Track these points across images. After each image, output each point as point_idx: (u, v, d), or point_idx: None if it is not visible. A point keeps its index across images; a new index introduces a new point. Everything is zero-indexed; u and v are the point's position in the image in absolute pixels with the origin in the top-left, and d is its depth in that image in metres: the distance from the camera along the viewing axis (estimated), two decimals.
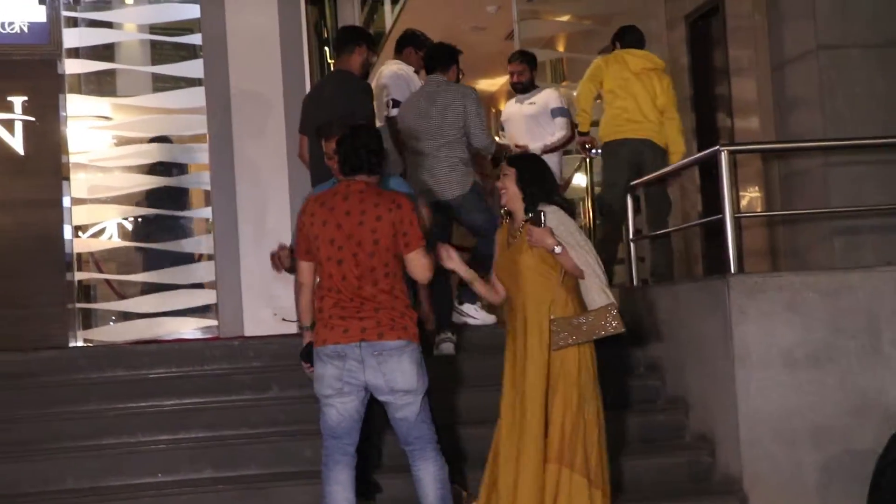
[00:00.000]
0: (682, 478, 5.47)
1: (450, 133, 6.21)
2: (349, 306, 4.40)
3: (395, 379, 4.39)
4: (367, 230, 4.41)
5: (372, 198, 4.47)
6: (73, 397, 5.85)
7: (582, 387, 4.54)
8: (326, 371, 4.40)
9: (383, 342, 4.37)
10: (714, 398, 5.51)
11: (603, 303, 4.50)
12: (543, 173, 4.72)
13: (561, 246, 4.51)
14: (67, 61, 7.96)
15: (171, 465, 5.39)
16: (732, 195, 5.54)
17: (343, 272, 4.41)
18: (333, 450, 4.48)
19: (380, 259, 4.42)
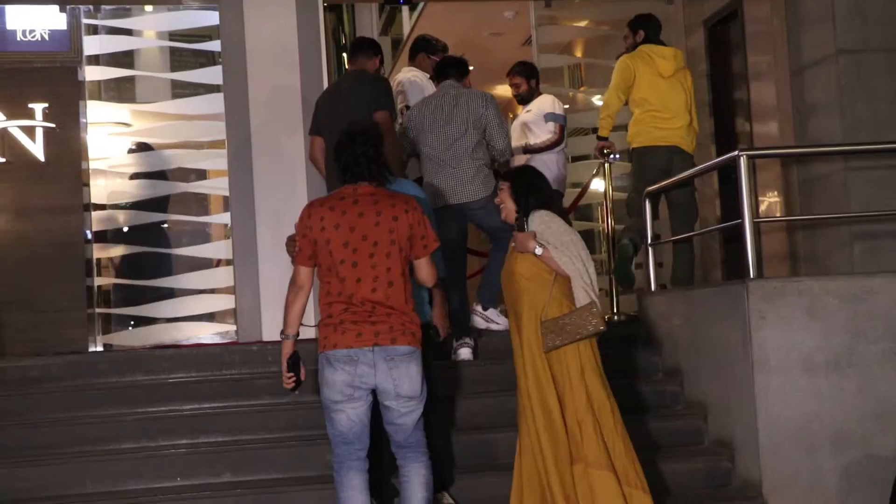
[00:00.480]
0: (700, 483, 5.45)
1: (474, 137, 6.24)
2: (361, 310, 4.38)
3: (403, 385, 4.39)
4: (384, 230, 4.40)
5: (386, 199, 4.48)
6: (92, 402, 5.88)
7: (589, 386, 4.55)
8: (337, 377, 4.37)
9: (396, 347, 4.37)
10: (733, 403, 5.49)
11: (583, 302, 4.52)
12: (537, 183, 4.78)
13: (542, 248, 4.56)
14: (87, 68, 8.03)
15: (190, 469, 5.41)
16: (751, 200, 5.52)
17: (358, 274, 4.38)
18: (346, 456, 4.46)
19: (396, 260, 4.41)
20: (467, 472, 5.30)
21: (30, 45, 7.75)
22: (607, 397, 4.61)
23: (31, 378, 6.09)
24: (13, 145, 7.38)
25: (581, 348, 4.57)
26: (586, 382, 4.55)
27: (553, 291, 4.59)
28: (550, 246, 4.57)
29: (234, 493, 5.21)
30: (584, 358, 4.57)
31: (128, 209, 8.36)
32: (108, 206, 8.14)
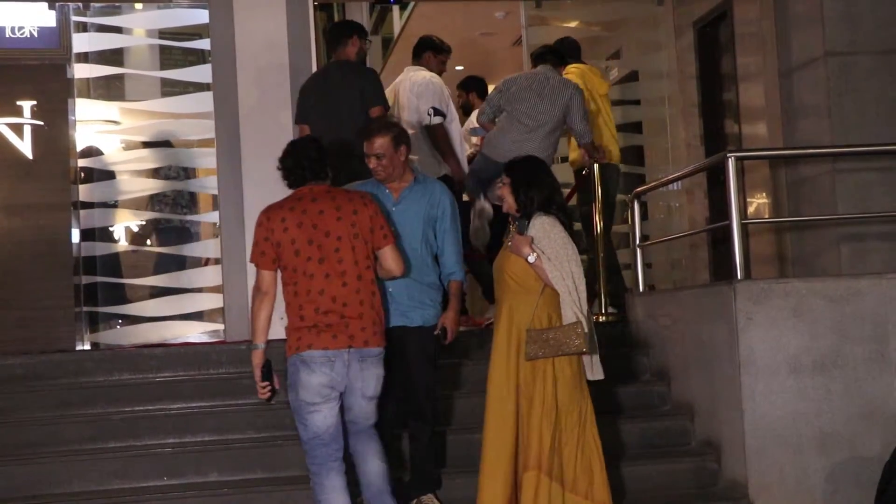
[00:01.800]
0: (687, 484, 5.47)
1: (556, 118, 6.83)
2: (333, 310, 4.43)
3: (370, 386, 4.52)
4: (346, 224, 4.51)
5: (343, 195, 4.61)
6: (79, 400, 5.88)
7: (560, 399, 4.55)
8: (314, 378, 4.40)
9: (370, 349, 4.48)
10: (720, 404, 5.51)
11: (570, 320, 4.51)
12: (538, 180, 4.73)
13: (536, 255, 4.54)
14: (76, 66, 8.00)
15: (176, 468, 5.41)
16: (739, 201, 5.55)
17: (326, 270, 4.45)
18: (325, 458, 4.48)
19: (361, 253, 4.52)
20: (456, 473, 5.31)
21: (18, 42, 7.72)
22: (577, 408, 4.58)
23: (17, 376, 6.07)
24: (1, 143, 7.36)
25: (559, 362, 4.56)
26: (557, 391, 4.55)
27: (540, 301, 4.59)
28: (544, 256, 4.55)
29: (221, 493, 5.21)
30: (561, 372, 4.56)
31: (116, 207, 8.33)
32: (97, 204, 8.11)
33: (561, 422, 4.54)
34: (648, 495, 5.32)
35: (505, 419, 4.59)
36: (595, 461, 4.60)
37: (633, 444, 5.74)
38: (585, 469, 4.57)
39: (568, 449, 4.54)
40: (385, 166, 4.96)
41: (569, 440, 4.55)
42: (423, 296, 4.98)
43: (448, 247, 5.03)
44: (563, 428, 4.54)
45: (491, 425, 4.64)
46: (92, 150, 8.13)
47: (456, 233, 5.06)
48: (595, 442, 4.62)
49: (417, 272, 4.96)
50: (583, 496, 4.55)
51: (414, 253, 4.95)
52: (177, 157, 8.41)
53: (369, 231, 4.55)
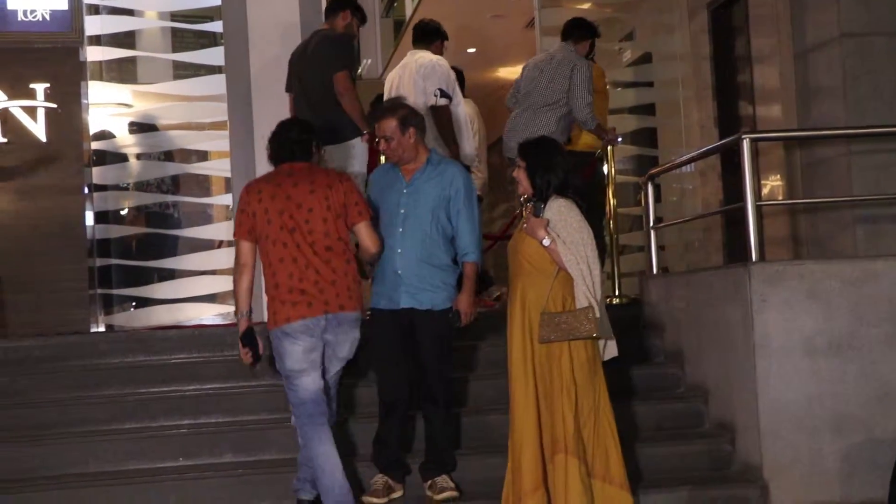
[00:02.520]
0: (701, 465, 5.47)
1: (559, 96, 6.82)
2: (306, 277, 4.63)
3: (343, 348, 4.75)
4: (319, 197, 4.69)
5: (319, 171, 4.83)
6: (95, 382, 5.90)
7: (577, 381, 4.54)
8: (297, 347, 4.64)
9: (346, 313, 4.67)
10: (734, 386, 5.51)
11: (582, 305, 4.51)
12: (554, 163, 4.70)
13: (550, 239, 4.53)
14: (89, 48, 8.01)
15: (191, 449, 5.44)
16: (754, 183, 5.53)
17: (297, 240, 4.65)
18: (314, 413, 4.68)
19: (332, 225, 4.70)
20: (471, 455, 5.32)
21: (31, 26, 7.73)
22: (593, 391, 4.58)
23: (33, 358, 6.10)
24: (15, 126, 7.38)
25: (574, 345, 4.55)
26: (574, 375, 4.55)
27: (555, 284, 4.58)
28: (559, 240, 4.54)
29: (236, 473, 5.23)
30: (576, 355, 4.56)
31: (129, 190, 8.36)
32: (110, 186, 8.14)
33: (578, 404, 4.54)
34: (663, 477, 5.32)
35: (527, 402, 4.60)
36: (611, 444, 4.60)
37: (648, 426, 5.74)
38: (601, 452, 4.57)
39: (585, 431, 4.55)
40: (394, 148, 4.98)
41: (586, 423, 4.55)
42: (433, 278, 4.97)
43: (462, 227, 5.01)
44: (580, 411, 4.55)
45: (515, 409, 4.64)
46: (105, 132, 8.15)
47: (471, 214, 5.02)
48: (610, 424, 4.62)
49: (428, 254, 4.96)
50: (600, 478, 4.55)
51: (424, 235, 4.95)
52: (190, 140, 8.43)
53: (342, 206, 4.72)
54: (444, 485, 5.05)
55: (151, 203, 8.52)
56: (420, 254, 4.95)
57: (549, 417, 4.55)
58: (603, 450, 4.57)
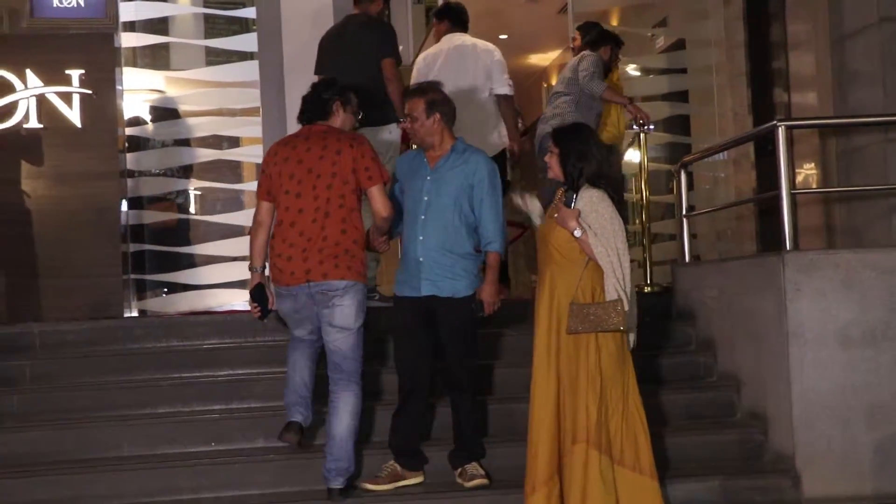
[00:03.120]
0: (732, 455, 5.45)
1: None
2: (297, 244, 4.78)
3: (335, 317, 4.80)
4: (327, 163, 4.79)
5: (334, 134, 4.88)
6: (129, 367, 5.97)
7: (605, 371, 4.52)
8: (283, 305, 4.94)
9: (329, 282, 4.75)
10: (767, 376, 5.47)
11: (612, 297, 4.49)
12: (586, 149, 4.66)
13: (582, 230, 4.50)
14: (123, 35, 8.05)
15: (224, 434, 5.48)
16: (789, 171, 5.49)
17: (300, 205, 4.79)
18: (298, 342, 5.03)
19: (336, 191, 4.78)
20: (499, 442, 5.33)
21: (66, 12, 7.77)
22: (622, 380, 4.57)
23: (68, 342, 6.18)
24: (50, 111, 7.41)
25: (601, 335, 4.53)
26: (601, 365, 4.53)
27: (584, 275, 4.56)
28: (591, 231, 4.52)
29: (268, 459, 5.27)
30: (604, 346, 4.54)
31: (162, 176, 8.41)
32: (143, 172, 8.19)
33: (606, 394, 4.52)
34: (693, 466, 5.31)
35: (547, 392, 4.59)
36: (640, 432, 4.58)
37: (678, 415, 5.72)
38: (631, 441, 4.56)
39: (614, 421, 4.53)
40: (416, 129, 5.04)
41: (614, 412, 4.54)
42: (455, 266, 4.97)
43: (485, 216, 5.00)
44: (609, 400, 4.53)
45: (535, 398, 4.64)
46: (139, 118, 8.21)
47: (494, 202, 5.01)
48: (639, 413, 4.60)
49: (450, 242, 4.97)
50: (630, 468, 4.54)
51: (447, 222, 4.96)
52: (222, 127, 8.46)
53: (351, 171, 4.79)
54: (474, 472, 5.06)
55: (184, 189, 8.57)
56: (442, 241, 4.96)
57: (571, 407, 4.53)
58: (632, 439, 4.56)
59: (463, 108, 6.83)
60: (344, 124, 5.04)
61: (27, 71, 7.38)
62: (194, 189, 8.56)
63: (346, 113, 5.04)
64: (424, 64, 6.93)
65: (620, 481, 4.51)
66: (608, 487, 4.44)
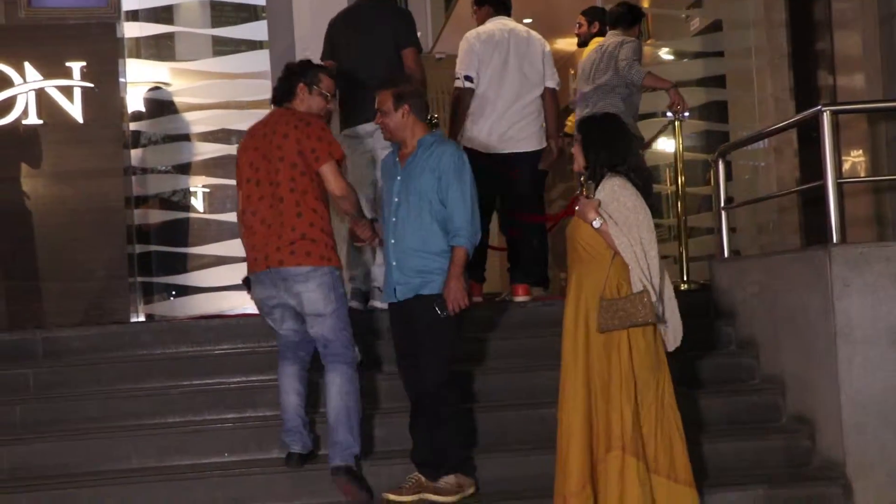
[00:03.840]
0: (778, 462, 5.44)
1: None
2: (258, 232, 5.04)
3: (303, 304, 5.00)
4: (274, 147, 5.01)
5: (285, 118, 5.08)
6: (136, 374, 6.01)
7: (637, 373, 4.52)
8: (255, 294, 5.18)
9: (287, 269, 4.97)
10: (813, 377, 5.46)
11: (637, 289, 4.48)
12: (610, 138, 4.68)
13: (601, 220, 4.50)
14: (126, 24, 8.10)
15: (237, 444, 5.52)
16: (835, 159, 5.46)
17: (260, 192, 5.04)
18: (286, 349, 5.24)
19: (286, 175, 4.98)
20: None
21: (65, 1, 7.84)
22: (655, 383, 4.56)
23: (73, 349, 6.22)
24: (50, 106, 7.46)
25: (634, 334, 4.54)
26: (634, 366, 4.53)
27: (612, 270, 4.56)
28: (611, 221, 4.52)
29: (283, 470, 5.28)
30: (636, 344, 4.54)
31: (168, 173, 8.45)
32: (149, 169, 8.23)
33: (639, 397, 4.53)
34: (736, 474, 5.30)
35: (576, 396, 4.59)
36: (675, 438, 4.58)
37: (719, 419, 5.71)
38: (665, 447, 4.56)
39: (647, 426, 4.53)
40: (386, 123, 5.09)
41: (647, 417, 4.53)
42: (428, 265, 4.98)
43: (451, 207, 4.98)
44: (641, 404, 4.52)
45: (563, 402, 4.65)
46: (143, 112, 8.25)
47: (461, 191, 4.97)
48: (675, 417, 4.59)
49: (421, 242, 4.99)
50: (664, 476, 4.54)
51: (419, 223, 4.99)
52: (230, 120, 8.50)
53: (297, 154, 4.98)
54: (443, 485, 5.03)
55: (192, 186, 8.61)
56: (413, 243, 5.00)
57: (604, 412, 4.52)
58: (667, 445, 4.55)
59: (526, 98, 6.95)
60: (310, 108, 5.18)
61: (25, 64, 7.45)
62: (202, 186, 8.60)
63: (313, 96, 5.19)
64: (481, 44, 6.96)
65: (656, 490, 4.51)
66: (647, 496, 4.44)
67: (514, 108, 6.92)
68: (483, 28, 7.08)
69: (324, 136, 5.02)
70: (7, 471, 5.34)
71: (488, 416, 5.59)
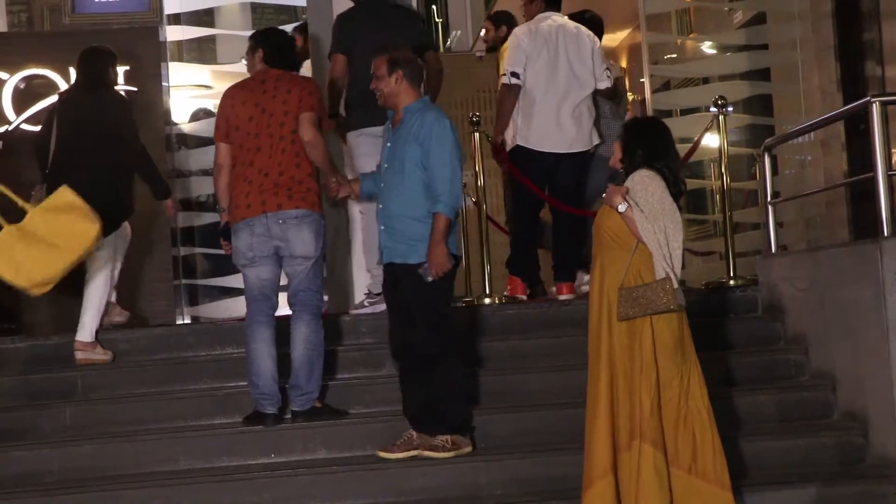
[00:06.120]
0: (829, 460, 5.36)
1: None
2: (254, 180, 5.36)
3: (296, 245, 5.36)
4: (278, 102, 5.42)
5: (287, 76, 5.56)
6: (183, 375, 6.05)
7: (660, 364, 4.49)
8: (239, 243, 5.43)
9: (285, 211, 5.33)
10: (865, 373, 5.38)
11: (660, 276, 4.47)
12: (650, 137, 4.72)
13: (626, 205, 4.51)
14: (168, 28, 8.17)
15: (284, 445, 5.53)
16: (885, 150, 5.38)
17: (258, 144, 5.40)
18: (255, 312, 5.47)
19: (288, 128, 5.40)
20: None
21: (108, 6, 7.94)
22: (678, 376, 4.52)
23: (120, 351, 6.28)
24: None
25: (658, 324, 4.50)
26: (657, 357, 4.50)
27: (634, 258, 4.55)
28: (637, 208, 4.52)
29: (330, 471, 5.30)
30: (657, 331, 4.50)
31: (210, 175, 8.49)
32: (192, 172, 8.29)
33: (661, 388, 4.49)
34: (786, 472, 5.24)
35: (599, 384, 4.58)
36: (700, 432, 4.49)
37: (768, 416, 5.65)
38: (688, 440, 4.49)
39: (668, 418, 4.48)
40: (381, 89, 5.27)
41: (669, 408, 4.48)
42: (412, 231, 5.13)
43: (431, 172, 5.11)
44: (663, 395, 4.49)
45: (589, 389, 4.65)
46: (186, 115, 8.32)
47: (442, 157, 5.09)
48: (701, 412, 4.52)
49: (406, 207, 5.15)
50: (686, 470, 4.47)
51: (404, 188, 5.16)
52: None
53: (298, 108, 5.41)
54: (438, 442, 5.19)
55: None
56: (398, 208, 5.18)
57: (627, 401, 4.50)
58: (689, 439, 4.49)
59: (576, 97, 6.92)
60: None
61: (70, 69, 7.51)
62: None
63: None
64: (529, 40, 6.92)
65: (674, 483, 4.46)
66: (663, 487, 4.40)
67: (564, 107, 6.88)
68: (532, 23, 7.03)
69: (317, 94, 5.55)
70: (57, 472, 5.39)
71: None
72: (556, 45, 6.91)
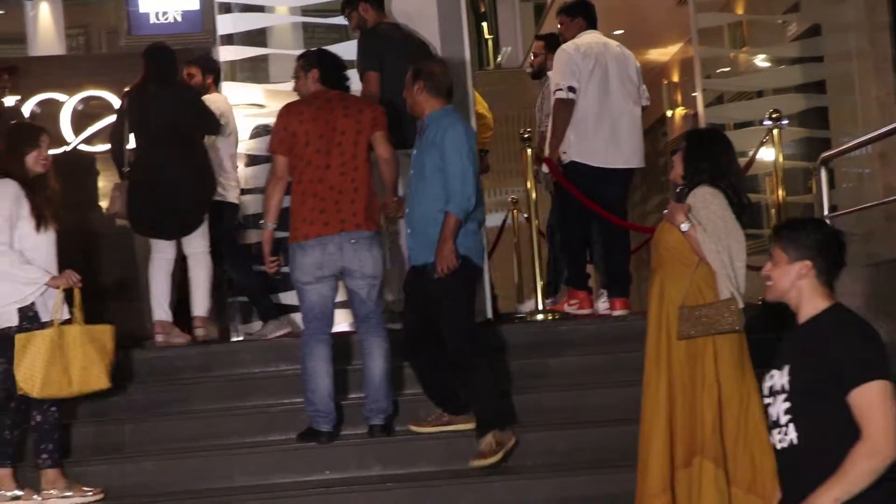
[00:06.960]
0: None
1: None
2: (328, 197, 5.39)
3: (367, 265, 5.42)
4: (351, 121, 5.49)
5: (352, 97, 5.74)
6: (238, 392, 6.10)
7: (722, 382, 4.45)
8: (307, 259, 5.38)
9: (361, 231, 5.39)
10: None
11: (725, 297, 4.42)
12: (713, 151, 4.67)
13: (689, 224, 4.46)
14: (221, 48, 8.25)
15: (338, 462, 5.55)
16: None
17: (328, 162, 5.43)
18: (315, 330, 5.49)
19: (362, 147, 5.49)
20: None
21: (163, 28, 8.03)
22: (739, 394, 4.48)
23: (175, 368, 6.35)
24: None
25: (720, 342, 4.47)
26: (718, 376, 4.46)
27: (695, 277, 4.51)
28: (700, 227, 4.48)
29: (385, 487, 5.32)
30: (719, 349, 4.47)
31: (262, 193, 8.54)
32: (249, 190, 8.34)
33: (722, 408, 4.46)
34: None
35: (657, 402, 4.56)
36: (759, 451, 4.43)
37: None
38: (747, 459, 4.46)
39: (729, 438, 4.46)
40: (406, 97, 5.52)
41: (730, 428, 4.46)
42: (436, 233, 5.24)
43: (448, 174, 5.24)
44: (725, 415, 4.46)
45: (645, 409, 4.63)
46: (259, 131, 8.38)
47: (457, 160, 5.24)
48: (762, 432, 4.44)
49: (430, 211, 5.31)
50: (745, 489, 4.44)
51: (427, 192, 5.34)
52: None
53: (372, 127, 5.50)
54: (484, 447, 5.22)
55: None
56: (423, 212, 5.35)
57: (687, 419, 4.48)
58: (749, 457, 4.45)
59: (631, 113, 6.94)
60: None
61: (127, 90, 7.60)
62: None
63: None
64: (581, 56, 6.92)
65: (734, 502, 4.42)
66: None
67: (621, 123, 6.90)
68: (580, 41, 7.04)
69: (383, 113, 5.64)
70: (117, 489, 5.44)
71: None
72: (606, 62, 6.91)
